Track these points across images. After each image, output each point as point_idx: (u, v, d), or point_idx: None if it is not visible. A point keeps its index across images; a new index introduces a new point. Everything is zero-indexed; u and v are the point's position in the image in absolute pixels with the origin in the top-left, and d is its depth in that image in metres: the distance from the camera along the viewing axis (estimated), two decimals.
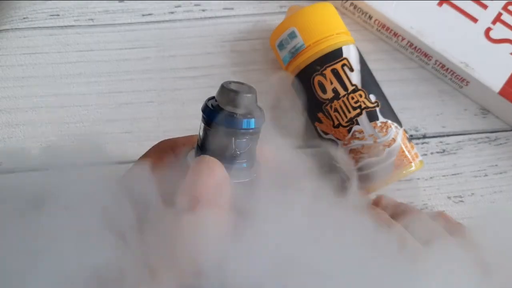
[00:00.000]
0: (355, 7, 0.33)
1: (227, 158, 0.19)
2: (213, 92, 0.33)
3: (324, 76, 0.28)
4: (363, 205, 0.27)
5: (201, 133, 0.21)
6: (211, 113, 0.19)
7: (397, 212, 0.28)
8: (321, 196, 0.21)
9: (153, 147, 0.23)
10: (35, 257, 0.16)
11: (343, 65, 0.28)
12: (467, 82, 0.32)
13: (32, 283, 0.16)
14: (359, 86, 0.28)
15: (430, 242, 0.25)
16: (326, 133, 0.29)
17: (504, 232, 0.23)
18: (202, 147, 0.20)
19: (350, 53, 0.29)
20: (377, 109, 0.28)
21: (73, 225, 0.17)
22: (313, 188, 0.21)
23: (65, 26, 0.34)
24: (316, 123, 0.30)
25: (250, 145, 0.20)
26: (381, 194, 0.31)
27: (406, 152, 0.28)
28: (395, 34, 0.32)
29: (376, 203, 0.31)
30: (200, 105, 0.33)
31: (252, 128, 0.20)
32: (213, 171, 0.18)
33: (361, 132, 0.28)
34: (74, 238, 0.17)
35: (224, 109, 0.19)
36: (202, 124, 0.20)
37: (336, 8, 0.31)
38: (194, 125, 0.32)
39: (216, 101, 0.20)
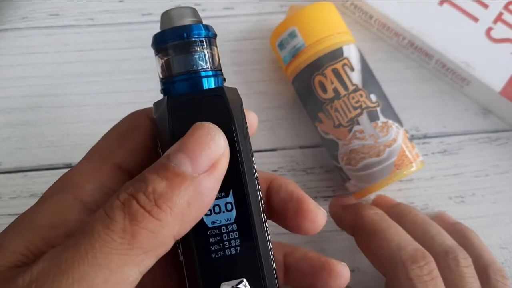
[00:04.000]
0: (355, 6, 0.33)
1: (197, 71, 0.19)
2: None
3: (325, 75, 0.28)
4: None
5: (161, 69, 0.20)
6: (162, 36, 0.19)
7: (395, 213, 0.28)
8: None
9: (126, 116, 0.22)
10: None
11: (344, 64, 0.28)
12: (468, 81, 0.32)
13: None
14: (360, 86, 0.28)
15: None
16: (327, 133, 0.29)
17: None
18: (167, 78, 0.20)
19: (351, 53, 0.29)
20: (378, 109, 0.28)
21: None
22: None
23: (65, 25, 0.33)
24: (317, 123, 0.29)
25: (212, 52, 0.20)
26: (380, 195, 0.31)
27: (407, 152, 0.28)
28: (396, 34, 0.32)
29: (375, 203, 0.31)
30: None
31: (206, 31, 0.19)
32: (218, 144, 0.17)
33: (361, 132, 0.28)
34: None
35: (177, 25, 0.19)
36: (160, 60, 0.20)
37: (337, 7, 0.31)
38: None
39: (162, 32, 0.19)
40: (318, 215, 0.21)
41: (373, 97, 0.28)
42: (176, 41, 0.19)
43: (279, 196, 0.21)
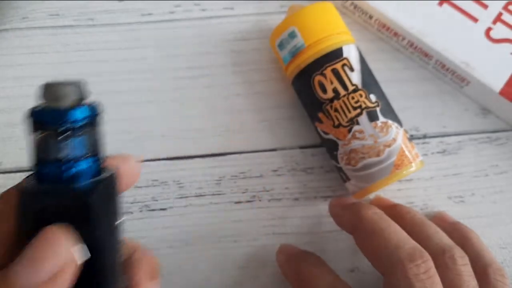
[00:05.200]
0: (355, 6, 0.33)
1: (72, 158, 0.17)
2: (213, 92, 0.33)
3: (325, 75, 0.28)
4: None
5: (34, 147, 0.18)
6: (36, 114, 0.17)
7: (393, 214, 0.28)
8: None
9: None
10: None
11: (344, 64, 0.28)
12: (468, 82, 0.32)
13: None
14: (360, 86, 0.28)
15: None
16: (326, 133, 0.29)
17: None
18: (40, 162, 0.17)
19: (351, 53, 0.29)
20: (378, 109, 0.28)
21: None
22: None
23: (65, 26, 0.33)
24: (317, 123, 0.29)
25: (92, 137, 0.18)
26: (378, 196, 0.31)
27: (407, 152, 0.28)
28: (396, 34, 0.32)
29: (373, 204, 0.31)
30: (201, 104, 0.33)
31: (87, 117, 0.17)
32: (57, 254, 0.16)
33: (361, 132, 0.28)
34: None
35: (49, 105, 0.17)
36: (33, 136, 0.17)
37: (337, 7, 0.31)
38: (194, 125, 0.32)
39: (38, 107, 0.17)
40: None
41: (372, 97, 0.28)
42: (49, 124, 0.17)
43: None
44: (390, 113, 0.28)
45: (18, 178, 0.31)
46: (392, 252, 0.24)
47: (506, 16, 0.32)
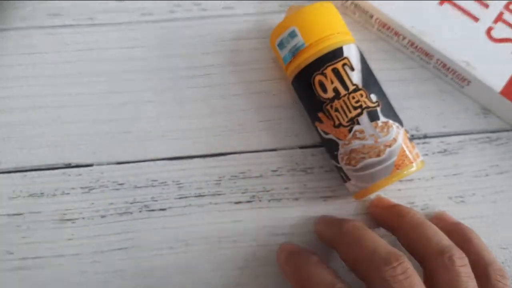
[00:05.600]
0: (355, 6, 0.33)
1: None
2: (213, 92, 0.33)
3: (325, 75, 0.28)
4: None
5: None
6: None
7: (393, 214, 0.28)
8: None
9: None
10: None
11: (344, 64, 0.28)
12: (468, 81, 0.32)
13: None
14: (360, 86, 0.28)
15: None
16: (327, 133, 0.29)
17: None
18: None
19: (351, 53, 0.29)
20: (378, 109, 0.28)
21: None
22: None
23: (65, 25, 0.33)
24: (317, 123, 0.29)
25: None
26: (378, 196, 0.31)
27: (407, 152, 0.28)
28: (396, 34, 0.32)
29: (373, 205, 0.31)
30: (200, 104, 0.33)
31: None
32: None
33: (362, 132, 0.28)
34: None
35: None
36: None
37: (337, 7, 0.31)
38: (193, 125, 0.32)
39: None
40: None
41: (373, 97, 0.28)
42: None
43: None
44: (391, 113, 0.28)
45: (18, 178, 0.31)
46: (369, 259, 0.24)
47: (507, 16, 0.32)
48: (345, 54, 0.28)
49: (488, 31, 0.31)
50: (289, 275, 0.28)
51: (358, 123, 0.28)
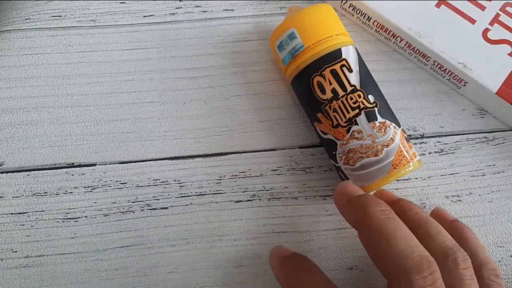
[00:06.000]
0: (354, 8, 0.33)
1: None
2: (214, 93, 0.33)
3: (323, 76, 0.29)
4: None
5: None
6: None
7: (395, 209, 0.28)
8: None
9: None
10: None
11: (342, 65, 0.29)
12: (465, 82, 0.32)
13: None
14: (358, 87, 0.28)
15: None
16: (325, 133, 0.29)
17: None
18: None
19: (349, 54, 0.29)
20: (376, 109, 0.28)
21: None
22: None
23: (67, 27, 0.34)
24: (316, 123, 0.30)
25: None
26: (382, 189, 0.30)
27: (404, 152, 0.28)
28: (394, 35, 0.33)
29: (377, 196, 0.30)
30: (201, 105, 0.34)
31: None
32: None
33: (359, 132, 0.28)
34: None
35: None
36: None
37: (335, 9, 0.31)
38: (195, 125, 0.33)
39: None
40: None
41: (371, 97, 0.29)
42: None
43: None
44: (388, 113, 0.29)
45: (21, 177, 0.32)
46: (398, 261, 0.23)
47: (503, 17, 0.32)
48: (344, 55, 0.29)
49: (485, 32, 0.32)
50: (281, 281, 0.27)
51: (356, 124, 0.28)
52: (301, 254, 0.28)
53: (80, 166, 0.32)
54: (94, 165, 0.32)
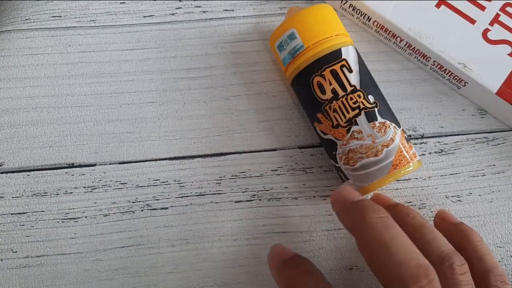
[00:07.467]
0: (354, 8, 0.33)
1: None
2: (214, 93, 0.33)
3: (323, 77, 0.29)
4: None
5: None
6: None
7: (392, 214, 0.28)
8: None
9: None
10: None
11: (342, 66, 0.29)
12: (465, 82, 0.32)
13: None
14: (358, 87, 0.28)
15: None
16: (325, 133, 0.29)
17: None
18: None
19: (349, 54, 0.29)
20: (376, 109, 0.28)
21: None
22: None
23: (67, 27, 0.34)
24: (316, 124, 0.30)
25: None
26: (378, 193, 0.31)
27: (404, 152, 0.28)
28: (394, 35, 0.33)
29: (374, 201, 0.31)
30: (201, 105, 0.34)
31: None
32: None
33: (359, 132, 0.28)
34: None
35: None
36: None
37: (335, 9, 0.31)
38: (194, 125, 0.33)
39: None
40: None
41: (371, 97, 0.29)
42: None
43: None
44: (388, 114, 0.29)
45: (21, 177, 0.32)
46: (395, 269, 0.22)
47: (503, 18, 0.32)
48: (343, 56, 0.29)
49: (485, 33, 0.32)
50: (280, 283, 0.26)
51: (356, 124, 0.28)
52: (301, 256, 0.27)
53: (80, 166, 0.32)
54: (94, 165, 0.32)
